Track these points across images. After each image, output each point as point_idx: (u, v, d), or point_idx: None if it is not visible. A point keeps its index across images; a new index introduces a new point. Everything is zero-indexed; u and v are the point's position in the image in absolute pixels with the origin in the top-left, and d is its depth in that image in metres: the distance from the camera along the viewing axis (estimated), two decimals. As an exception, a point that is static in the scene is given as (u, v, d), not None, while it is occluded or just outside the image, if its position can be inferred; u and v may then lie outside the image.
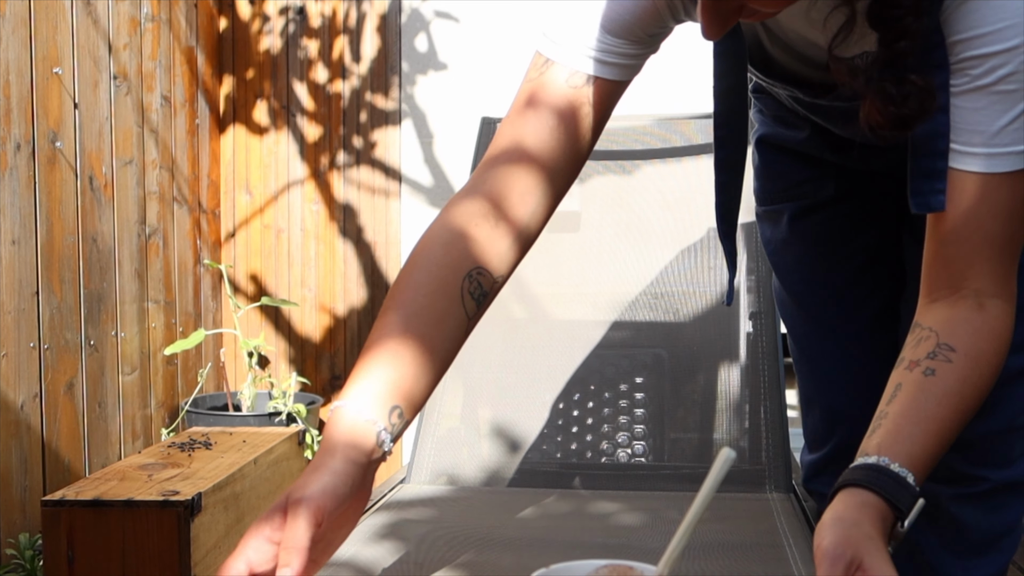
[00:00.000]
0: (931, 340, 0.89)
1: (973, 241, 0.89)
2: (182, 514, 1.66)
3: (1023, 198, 0.89)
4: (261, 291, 3.04)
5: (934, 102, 0.83)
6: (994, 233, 0.89)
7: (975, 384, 0.87)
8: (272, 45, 3.03)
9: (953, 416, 0.86)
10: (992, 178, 0.87)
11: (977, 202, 0.88)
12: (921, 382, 0.87)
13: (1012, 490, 1.10)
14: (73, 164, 2.27)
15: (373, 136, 2.99)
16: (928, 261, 0.93)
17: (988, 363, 0.88)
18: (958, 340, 0.88)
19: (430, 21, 2.96)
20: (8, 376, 2.02)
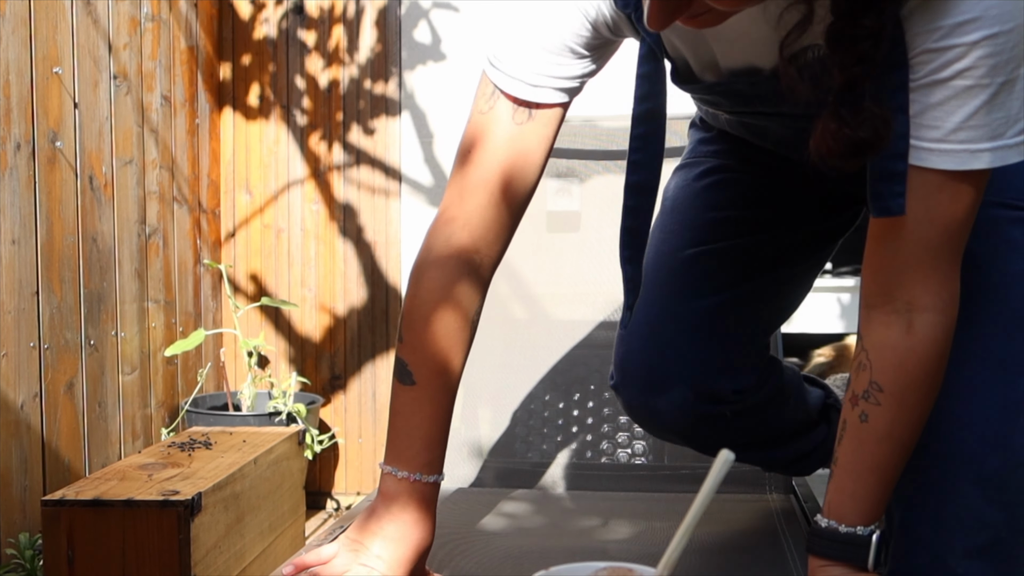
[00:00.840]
0: (866, 373, 0.92)
1: (909, 243, 0.87)
2: (182, 514, 1.66)
3: (968, 205, 0.86)
4: (261, 291, 3.04)
5: (889, 131, 0.81)
6: (930, 237, 0.87)
7: (905, 422, 0.91)
8: (272, 45, 3.03)
9: (891, 455, 0.92)
10: (936, 176, 0.85)
11: (921, 199, 0.86)
12: (858, 428, 0.92)
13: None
14: (73, 164, 2.27)
15: (373, 135, 2.99)
16: (866, 262, 0.93)
17: (915, 397, 0.91)
18: (886, 376, 0.91)
19: (429, 10, 2.96)
20: (8, 376, 2.03)
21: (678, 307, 1.21)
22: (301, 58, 3.01)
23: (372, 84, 2.99)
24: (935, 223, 0.86)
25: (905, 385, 0.91)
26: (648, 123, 1.00)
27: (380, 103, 2.99)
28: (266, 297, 2.87)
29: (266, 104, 3.03)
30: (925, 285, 0.89)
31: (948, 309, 0.90)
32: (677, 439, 1.27)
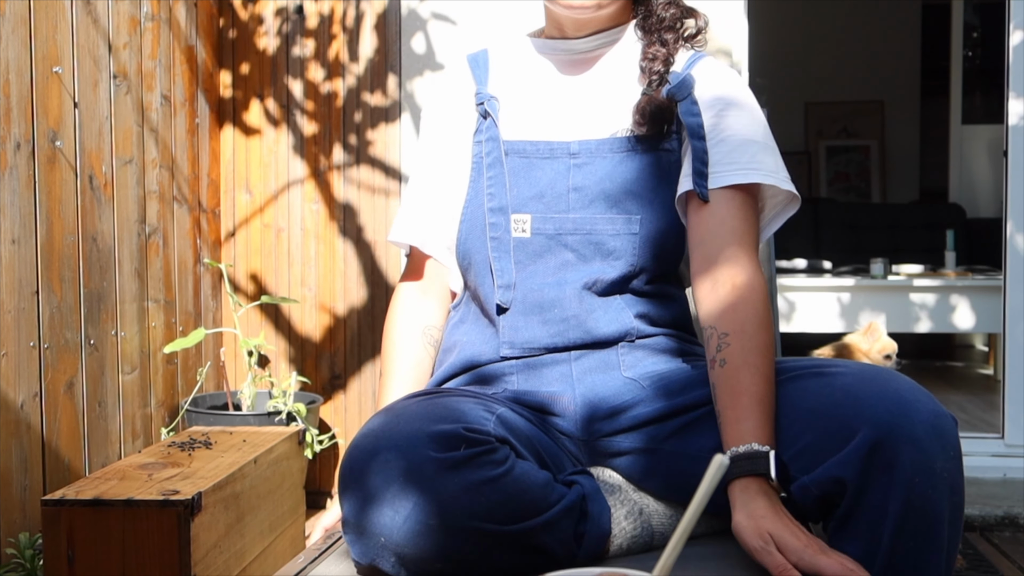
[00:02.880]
0: (714, 335, 1.20)
1: (723, 236, 1.23)
2: (182, 513, 1.66)
3: (751, 203, 1.27)
4: (261, 290, 3.04)
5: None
6: (735, 228, 1.24)
7: (752, 348, 1.16)
8: (271, 45, 3.03)
9: (753, 379, 1.14)
10: (727, 190, 1.25)
11: (721, 207, 1.25)
12: (720, 375, 1.16)
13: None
14: (73, 163, 2.27)
15: (373, 135, 2.99)
16: (694, 269, 1.26)
17: (752, 328, 1.18)
18: (726, 324, 1.19)
19: (427, 20, 2.96)
20: (8, 375, 2.03)
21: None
22: (301, 59, 3.01)
23: (372, 84, 2.99)
24: (736, 216, 1.26)
25: (743, 320, 1.18)
26: (495, 167, 1.36)
27: (380, 103, 2.99)
28: (266, 295, 2.87)
29: (266, 104, 3.03)
30: (738, 262, 1.23)
31: (758, 273, 1.23)
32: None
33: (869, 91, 6.35)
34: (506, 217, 1.30)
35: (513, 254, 1.30)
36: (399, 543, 1.04)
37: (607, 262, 1.28)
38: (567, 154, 1.31)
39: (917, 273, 4.27)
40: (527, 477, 1.09)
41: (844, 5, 6.19)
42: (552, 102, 1.36)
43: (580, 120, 1.34)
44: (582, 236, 1.28)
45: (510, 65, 1.42)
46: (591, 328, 1.27)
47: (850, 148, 6.43)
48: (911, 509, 1.01)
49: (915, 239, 5.22)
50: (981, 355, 5.28)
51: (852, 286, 4.11)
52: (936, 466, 1.02)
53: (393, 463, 1.03)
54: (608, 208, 1.28)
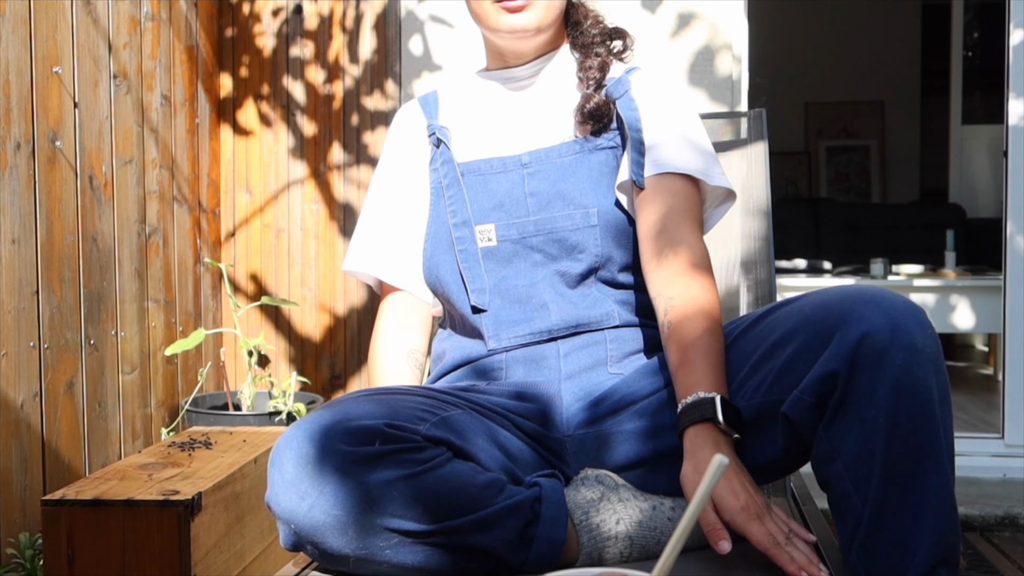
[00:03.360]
0: (660, 300, 1.27)
1: (665, 215, 1.31)
2: (182, 514, 1.66)
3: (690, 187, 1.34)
4: (261, 290, 3.04)
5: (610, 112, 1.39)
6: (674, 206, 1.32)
7: (698, 308, 1.21)
8: (271, 45, 3.03)
9: (699, 336, 1.19)
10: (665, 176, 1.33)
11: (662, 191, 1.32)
12: (668, 335, 1.23)
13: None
14: (73, 163, 2.27)
15: (372, 135, 2.99)
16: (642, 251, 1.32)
17: (698, 290, 1.23)
18: (675, 291, 1.25)
19: (425, 22, 2.96)
20: (8, 375, 2.03)
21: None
22: (301, 58, 3.01)
23: (371, 85, 2.99)
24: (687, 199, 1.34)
25: (686, 284, 1.24)
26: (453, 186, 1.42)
27: (379, 103, 2.99)
28: (266, 296, 2.87)
29: (266, 104, 3.03)
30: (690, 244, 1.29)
31: (706, 255, 1.29)
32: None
33: (869, 91, 6.35)
34: (470, 229, 1.37)
35: (483, 263, 1.36)
36: (307, 531, 1.06)
37: (573, 256, 1.34)
38: (519, 165, 1.39)
39: (917, 273, 4.27)
40: (458, 476, 1.10)
41: (844, 5, 6.19)
42: (499, 122, 1.45)
43: (528, 134, 1.42)
44: (545, 236, 1.35)
45: (458, 98, 1.51)
46: (570, 312, 1.32)
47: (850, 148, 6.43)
48: (901, 389, 1.01)
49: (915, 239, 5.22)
50: (981, 355, 5.28)
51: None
52: (917, 342, 1.03)
53: (305, 451, 1.06)
54: (565, 205, 1.35)
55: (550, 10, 1.38)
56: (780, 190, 6.22)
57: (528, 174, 1.38)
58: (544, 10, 1.37)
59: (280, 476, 1.07)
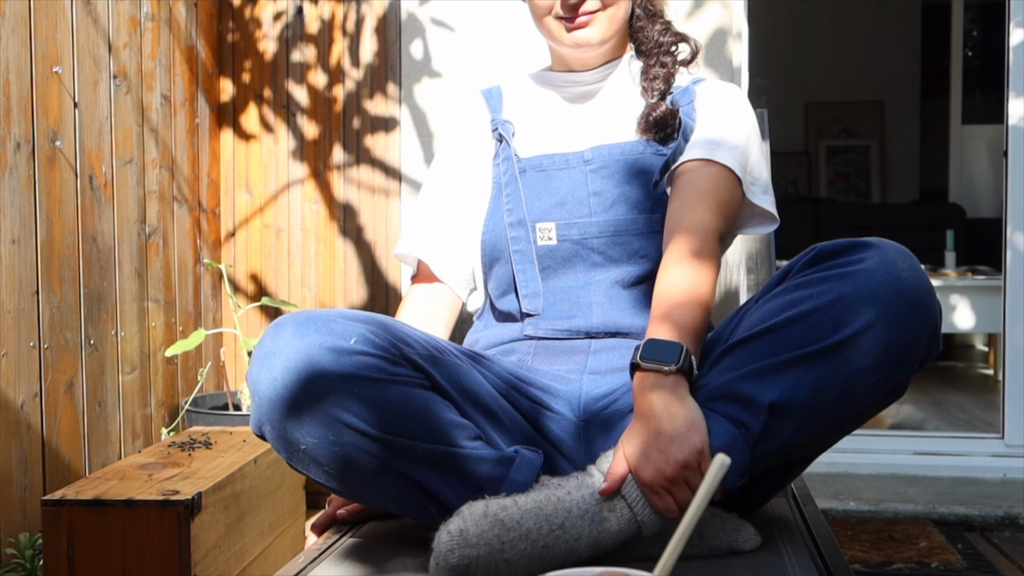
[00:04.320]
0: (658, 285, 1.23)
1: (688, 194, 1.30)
2: (182, 514, 1.66)
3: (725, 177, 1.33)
4: (261, 290, 3.04)
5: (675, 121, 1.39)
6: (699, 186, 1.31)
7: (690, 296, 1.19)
8: (272, 46, 3.03)
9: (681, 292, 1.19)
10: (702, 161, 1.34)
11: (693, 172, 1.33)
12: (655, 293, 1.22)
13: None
14: (73, 163, 2.27)
15: (373, 136, 2.99)
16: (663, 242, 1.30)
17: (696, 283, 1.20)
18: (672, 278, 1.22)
19: (426, 26, 2.96)
20: (8, 375, 2.03)
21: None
22: (301, 61, 3.01)
23: (372, 86, 2.99)
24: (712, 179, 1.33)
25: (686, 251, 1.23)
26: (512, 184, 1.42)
27: (380, 104, 2.99)
28: (266, 297, 2.87)
29: (266, 104, 3.03)
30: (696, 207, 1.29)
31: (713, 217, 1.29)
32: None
33: (869, 91, 6.35)
34: (525, 229, 1.37)
35: (539, 262, 1.36)
36: (266, 404, 1.09)
37: (634, 261, 1.35)
38: (582, 162, 1.39)
39: (917, 273, 4.26)
40: (426, 402, 1.13)
41: (844, 5, 6.19)
42: (563, 120, 1.46)
43: (591, 132, 1.43)
44: (608, 239, 1.35)
45: (522, 95, 1.52)
46: (614, 316, 1.32)
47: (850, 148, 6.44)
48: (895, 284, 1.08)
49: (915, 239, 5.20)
50: (981, 355, 5.28)
51: (852, 286, 4.10)
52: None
53: (285, 331, 1.10)
54: (629, 209, 1.35)
55: (613, 22, 1.40)
56: (780, 190, 6.22)
57: (591, 171, 1.38)
58: (607, 23, 1.39)
59: (258, 349, 1.12)
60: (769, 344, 1.10)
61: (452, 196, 1.48)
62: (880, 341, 1.07)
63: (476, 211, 1.46)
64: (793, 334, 1.09)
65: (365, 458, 1.10)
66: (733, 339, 1.15)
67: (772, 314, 1.12)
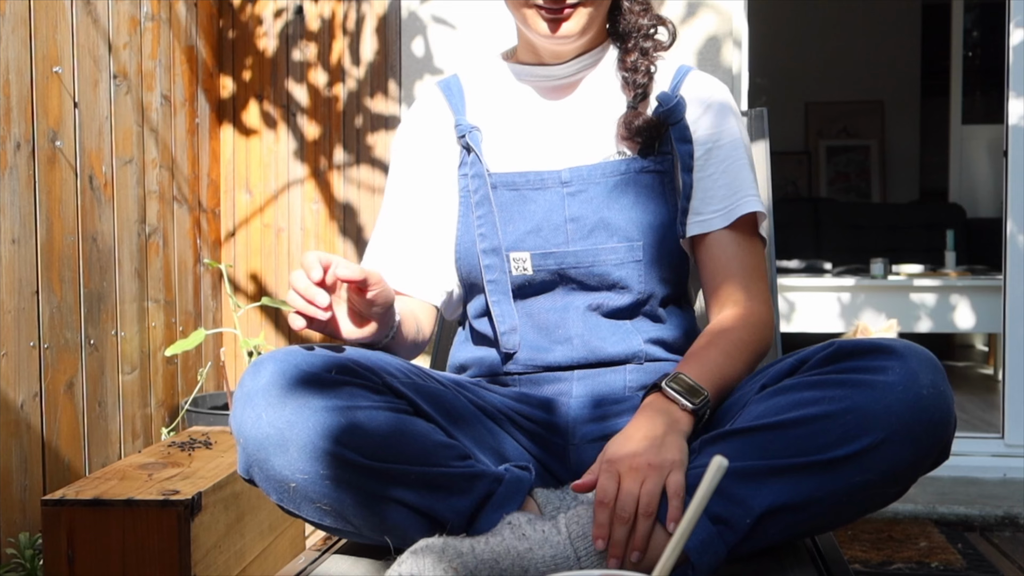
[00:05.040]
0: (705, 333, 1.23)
1: (731, 270, 1.27)
2: (182, 513, 1.66)
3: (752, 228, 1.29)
4: (261, 290, 3.04)
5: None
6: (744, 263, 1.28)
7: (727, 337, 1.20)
8: (272, 45, 3.03)
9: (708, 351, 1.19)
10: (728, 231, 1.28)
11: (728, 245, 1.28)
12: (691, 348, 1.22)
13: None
14: (73, 163, 2.27)
15: (373, 135, 2.99)
16: (706, 295, 1.30)
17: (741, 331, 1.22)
18: (712, 325, 1.23)
19: (427, 24, 2.96)
20: (8, 375, 2.03)
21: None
22: (302, 60, 3.01)
23: (372, 85, 2.99)
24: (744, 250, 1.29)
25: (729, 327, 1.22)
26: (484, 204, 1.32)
27: (380, 103, 2.99)
28: (266, 297, 2.87)
29: (266, 104, 3.03)
30: (747, 292, 1.26)
31: (766, 303, 1.27)
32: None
33: (869, 91, 6.35)
34: (500, 257, 1.28)
35: (514, 291, 1.29)
36: (253, 446, 1.07)
37: (614, 292, 1.27)
38: (559, 183, 1.29)
39: (917, 273, 4.27)
40: (411, 425, 1.10)
41: (844, 5, 6.19)
42: (536, 130, 1.34)
43: (568, 146, 1.31)
44: (585, 269, 1.27)
45: (486, 92, 1.38)
46: (596, 347, 1.26)
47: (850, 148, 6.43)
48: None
49: (915, 239, 5.22)
50: (981, 355, 5.28)
51: (852, 286, 4.11)
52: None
53: (266, 369, 1.08)
54: (609, 237, 1.27)
55: (594, 17, 1.28)
56: (780, 190, 6.22)
57: (568, 194, 1.28)
58: (587, 17, 1.27)
59: (240, 390, 1.10)
60: (771, 441, 1.04)
61: (416, 211, 1.36)
62: (889, 459, 1.01)
63: (444, 224, 1.36)
64: (798, 436, 1.03)
65: (357, 488, 1.08)
66: (736, 424, 1.09)
67: (780, 409, 1.06)
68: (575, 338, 1.27)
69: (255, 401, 1.07)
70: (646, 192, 1.28)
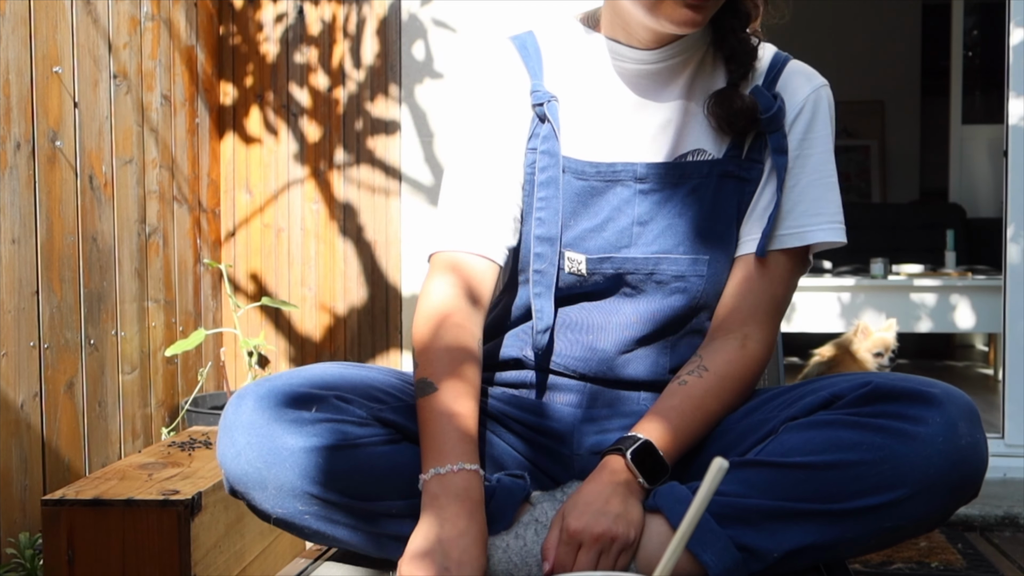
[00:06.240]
0: (696, 362, 1.16)
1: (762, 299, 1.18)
2: (182, 513, 1.66)
3: (800, 259, 1.20)
4: (261, 290, 3.04)
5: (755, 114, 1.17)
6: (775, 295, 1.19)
7: (716, 394, 1.13)
8: (273, 48, 3.03)
9: (692, 412, 1.11)
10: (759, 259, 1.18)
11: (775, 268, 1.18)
12: (673, 388, 1.14)
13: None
14: (73, 163, 2.27)
15: (373, 136, 2.99)
16: (721, 311, 1.20)
17: (734, 382, 1.14)
18: (714, 363, 1.15)
19: (427, 28, 2.96)
20: (8, 375, 2.03)
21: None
22: (302, 61, 3.01)
23: (373, 87, 2.99)
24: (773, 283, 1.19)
25: (728, 373, 1.14)
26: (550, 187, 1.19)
27: (381, 105, 2.99)
28: (266, 297, 2.87)
29: (266, 104, 3.03)
30: (760, 326, 1.18)
31: (771, 340, 1.18)
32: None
33: (869, 91, 6.35)
34: (554, 249, 1.18)
35: (562, 290, 1.20)
36: (233, 479, 1.09)
37: (666, 301, 1.19)
38: (633, 178, 1.18)
39: (917, 273, 4.27)
40: (396, 457, 1.09)
41: (844, 5, 6.19)
42: (616, 115, 1.21)
43: (649, 138, 1.20)
44: (643, 276, 1.18)
45: (564, 60, 1.23)
46: (618, 366, 1.21)
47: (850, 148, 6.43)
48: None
49: (915, 239, 5.22)
50: (981, 355, 5.28)
51: (852, 286, 4.11)
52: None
53: (247, 403, 1.09)
54: (675, 246, 1.18)
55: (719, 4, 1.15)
56: (780, 190, 6.21)
57: (640, 192, 1.18)
58: (715, 6, 1.14)
59: (222, 420, 1.11)
60: (804, 482, 1.02)
61: (493, 177, 1.21)
62: (922, 509, 1.02)
63: (515, 193, 1.22)
64: (832, 480, 1.01)
65: (338, 524, 1.09)
66: (768, 455, 1.06)
67: (815, 448, 1.03)
68: (600, 352, 1.20)
69: (234, 436, 1.08)
70: (724, 201, 1.18)
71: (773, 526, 1.03)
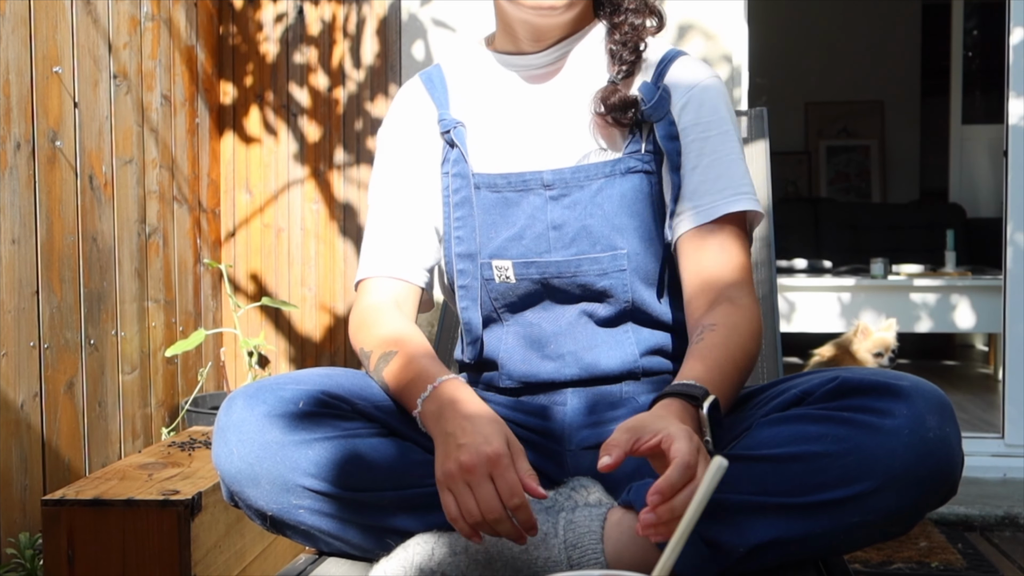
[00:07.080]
0: (699, 328, 1.16)
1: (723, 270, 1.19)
2: (182, 513, 1.66)
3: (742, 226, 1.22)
4: (261, 290, 3.04)
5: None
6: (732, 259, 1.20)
7: (735, 340, 1.13)
8: (273, 48, 3.03)
9: (721, 355, 1.11)
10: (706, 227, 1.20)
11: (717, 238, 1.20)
12: (692, 348, 1.14)
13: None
14: (73, 163, 2.27)
15: (374, 136, 2.99)
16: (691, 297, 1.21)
17: (744, 328, 1.15)
18: (717, 319, 1.15)
19: (427, 27, 2.96)
20: (8, 375, 2.03)
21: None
22: (302, 61, 3.01)
23: (373, 87, 2.99)
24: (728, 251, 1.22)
25: (735, 322, 1.14)
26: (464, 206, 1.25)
27: (380, 102, 2.99)
28: (266, 297, 2.87)
29: (266, 105, 3.03)
30: (738, 287, 1.19)
31: (755, 296, 1.20)
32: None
33: (869, 91, 6.35)
34: (474, 264, 1.23)
35: (500, 298, 1.24)
36: (228, 479, 1.12)
37: (600, 303, 1.22)
38: (541, 185, 1.22)
39: (917, 273, 4.27)
40: (386, 448, 1.11)
41: (844, 5, 6.19)
42: (519, 125, 1.26)
43: (552, 142, 1.25)
44: (568, 279, 1.21)
45: (469, 84, 1.32)
46: (591, 363, 1.22)
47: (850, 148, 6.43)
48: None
49: (915, 239, 5.22)
50: (981, 355, 5.28)
51: (852, 286, 4.11)
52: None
53: (238, 404, 1.13)
54: (592, 245, 1.21)
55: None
56: (780, 190, 6.22)
57: (551, 198, 1.22)
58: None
59: (216, 424, 1.14)
60: (768, 474, 1.02)
61: (411, 206, 1.29)
62: (889, 503, 1.00)
63: (433, 217, 1.29)
64: (796, 473, 1.01)
65: (331, 516, 1.11)
66: (735, 450, 1.06)
67: (781, 441, 1.03)
68: (567, 355, 1.22)
69: (227, 437, 1.12)
70: (631, 195, 1.22)
71: (738, 520, 1.02)
